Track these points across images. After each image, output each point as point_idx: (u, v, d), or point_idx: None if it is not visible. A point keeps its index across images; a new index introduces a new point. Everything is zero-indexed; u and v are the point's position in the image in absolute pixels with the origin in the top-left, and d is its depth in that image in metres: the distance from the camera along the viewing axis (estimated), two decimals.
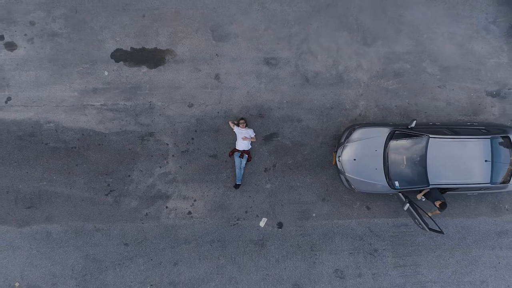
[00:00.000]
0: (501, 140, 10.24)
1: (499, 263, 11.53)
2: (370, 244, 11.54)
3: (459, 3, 11.48)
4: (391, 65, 11.48)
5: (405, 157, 10.23)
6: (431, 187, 10.12)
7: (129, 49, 11.34)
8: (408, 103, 11.53)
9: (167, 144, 11.45)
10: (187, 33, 11.39)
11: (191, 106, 11.44)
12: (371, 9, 11.44)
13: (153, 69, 11.36)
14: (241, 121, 11.10)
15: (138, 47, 11.36)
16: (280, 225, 11.56)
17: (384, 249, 11.53)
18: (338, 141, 11.24)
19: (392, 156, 10.34)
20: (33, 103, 11.27)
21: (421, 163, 10.07)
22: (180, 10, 11.36)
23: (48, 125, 11.31)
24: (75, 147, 11.36)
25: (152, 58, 11.36)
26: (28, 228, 11.33)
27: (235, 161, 11.26)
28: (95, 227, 11.39)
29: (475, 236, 11.56)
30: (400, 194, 10.48)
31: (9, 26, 11.21)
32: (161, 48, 11.37)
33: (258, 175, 11.52)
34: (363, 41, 11.46)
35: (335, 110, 11.52)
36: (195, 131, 11.46)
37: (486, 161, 10.08)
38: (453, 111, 11.53)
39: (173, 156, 11.46)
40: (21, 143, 11.30)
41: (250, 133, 11.19)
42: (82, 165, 11.36)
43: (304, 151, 11.55)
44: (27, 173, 11.31)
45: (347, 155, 10.58)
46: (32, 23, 11.25)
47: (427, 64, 11.49)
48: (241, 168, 11.26)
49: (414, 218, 10.23)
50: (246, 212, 11.54)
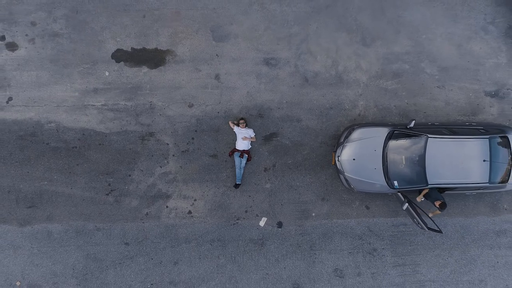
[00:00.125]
0: (499, 140, 10.27)
1: (498, 262, 11.56)
2: (369, 243, 11.57)
3: (457, 3, 11.50)
4: (390, 66, 11.51)
5: (404, 157, 10.25)
6: (429, 186, 10.14)
7: (129, 50, 11.37)
8: (407, 103, 11.56)
9: (168, 144, 11.48)
10: (188, 34, 11.42)
11: (191, 106, 11.48)
12: (370, 9, 11.46)
13: (154, 70, 11.40)
14: (241, 121, 11.13)
15: (138, 48, 11.39)
16: (279, 225, 11.59)
17: (383, 249, 11.55)
18: (337, 141, 11.25)
19: (391, 156, 10.36)
20: (34, 103, 11.31)
21: (420, 162, 10.08)
22: (180, 10, 11.38)
23: (49, 125, 11.35)
24: (76, 147, 11.40)
25: (152, 58, 11.39)
26: (29, 227, 11.36)
27: (235, 161, 11.29)
28: (96, 226, 11.42)
29: (474, 235, 11.59)
30: (399, 193, 10.48)
31: (10, 26, 11.24)
32: (162, 48, 11.40)
33: (258, 174, 11.56)
34: (362, 41, 11.48)
35: (334, 110, 11.55)
36: (195, 131, 11.50)
37: (484, 160, 10.10)
38: (452, 111, 11.55)
39: (173, 155, 11.50)
40: (22, 143, 11.34)
41: (250, 133, 11.21)
42: (83, 165, 11.40)
43: (303, 151, 11.59)
44: (28, 172, 11.35)
45: (346, 155, 10.60)
46: (33, 24, 11.28)
47: (426, 64, 11.52)
48: (241, 167, 11.29)
49: (413, 217, 10.24)
50: (246, 211, 11.57)
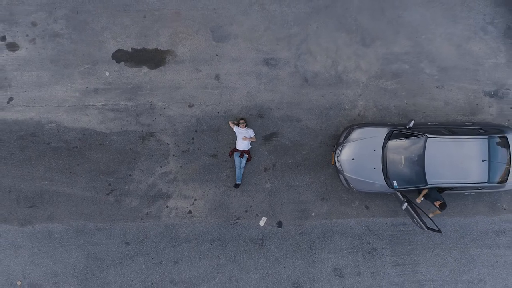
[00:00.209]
0: (498, 140, 10.29)
1: (497, 261, 11.59)
2: (369, 243, 11.59)
3: (457, 4, 11.53)
4: (389, 66, 11.53)
5: (403, 156, 10.27)
6: (428, 186, 10.16)
7: (130, 50, 11.40)
8: (406, 103, 11.59)
9: (168, 144, 11.51)
10: (188, 34, 11.44)
11: (191, 106, 11.50)
12: (370, 10, 11.48)
13: (154, 70, 11.42)
14: (241, 121, 11.15)
15: (139, 48, 11.42)
16: (279, 224, 11.62)
17: (382, 248, 11.58)
18: (337, 141, 11.28)
19: (390, 155, 10.38)
20: (34, 103, 11.34)
21: (419, 162, 10.10)
22: (180, 11, 11.41)
23: (49, 125, 11.38)
24: (77, 147, 11.43)
25: (152, 58, 11.42)
26: (30, 227, 11.39)
27: (235, 161, 11.32)
28: (96, 226, 11.45)
29: (473, 235, 11.61)
30: (398, 193, 10.51)
31: (11, 27, 11.26)
32: (162, 48, 11.43)
33: (258, 174, 11.58)
34: (361, 42, 11.51)
35: (334, 110, 11.58)
36: (196, 131, 11.53)
37: (483, 160, 10.13)
38: (451, 111, 11.58)
39: (173, 155, 11.53)
40: (23, 143, 11.36)
41: (250, 133, 11.24)
42: (83, 165, 11.43)
43: (303, 151, 11.61)
44: (29, 172, 11.38)
45: (346, 154, 10.63)
46: (33, 24, 11.31)
47: (425, 64, 11.54)
48: (241, 167, 11.31)
49: (412, 217, 10.27)
50: (246, 211, 11.60)
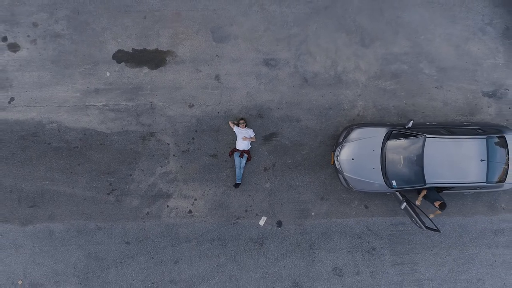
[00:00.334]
0: (496, 140, 10.34)
1: (496, 261, 11.63)
2: (368, 242, 11.63)
3: (455, 5, 11.57)
4: (388, 66, 11.57)
5: (402, 156, 10.31)
6: (427, 186, 10.20)
7: (130, 50, 11.43)
8: (405, 104, 11.63)
9: (168, 144, 11.55)
10: (188, 35, 11.48)
11: (191, 106, 11.54)
12: (369, 10, 11.52)
13: (154, 70, 11.46)
14: (241, 121, 11.18)
15: (139, 48, 11.46)
16: (279, 224, 11.65)
17: (382, 248, 11.62)
18: (336, 141, 11.32)
19: (389, 155, 10.42)
20: (36, 104, 11.38)
21: (418, 162, 10.15)
22: (180, 11, 11.44)
23: (50, 125, 11.41)
24: (77, 147, 11.47)
25: (153, 59, 11.46)
26: (31, 226, 11.42)
27: (235, 161, 11.35)
28: (97, 225, 11.48)
29: (472, 234, 11.66)
30: (397, 193, 10.55)
31: (12, 27, 11.30)
32: (162, 49, 11.46)
33: (257, 174, 11.62)
34: (361, 42, 11.55)
35: (333, 110, 11.62)
36: (196, 131, 11.56)
37: (482, 160, 10.18)
38: (450, 111, 11.62)
39: (174, 155, 11.57)
40: (24, 143, 11.40)
41: (250, 133, 11.27)
42: (84, 165, 11.47)
43: (303, 150, 11.65)
44: (30, 172, 11.42)
45: (345, 154, 10.66)
46: (34, 25, 11.35)
47: (424, 65, 11.58)
48: (241, 167, 11.35)
49: (411, 216, 10.31)
50: (246, 211, 11.64)
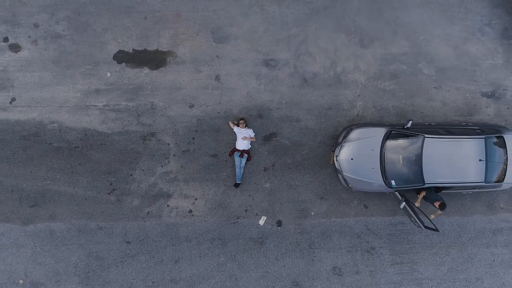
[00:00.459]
0: (495, 140, 10.37)
1: (494, 260, 11.66)
2: (367, 242, 11.66)
3: (454, 5, 11.60)
4: (388, 66, 11.60)
5: (401, 156, 10.34)
6: (426, 186, 10.23)
7: (131, 51, 11.47)
8: (404, 104, 11.66)
9: (169, 144, 11.58)
10: (188, 35, 11.51)
11: (192, 106, 11.58)
12: (368, 11, 11.54)
13: (155, 70, 11.49)
14: (241, 121, 11.21)
15: (140, 49, 11.49)
16: (279, 223, 11.68)
17: (381, 247, 11.65)
18: (336, 141, 11.34)
19: (388, 155, 10.45)
20: (37, 104, 11.41)
21: (417, 162, 10.18)
22: (181, 12, 11.47)
23: (51, 125, 11.45)
24: (78, 147, 11.51)
25: (153, 59, 11.49)
26: (32, 226, 11.45)
27: (235, 161, 11.38)
28: (98, 225, 11.51)
29: (471, 234, 11.68)
30: (396, 192, 10.58)
31: (13, 28, 11.33)
32: (163, 49, 11.50)
33: (257, 174, 11.65)
34: (360, 42, 11.58)
35: (333, 110, 11.65)
36: (196, 131, 11.59)
37: (480, 160, 10.21)
38: (449, 112, 11.64)
39: (174, 155, 11.61)
40: (25, 143, 11.43)
41: (249, 133, 11.30)
42: (85, 165, 11.50)
43: (302, 150, 11.68)
44: (31, 172, 11.45)
45: (344, 154, 10.69)
46: (36, 25, 11.38)
47: (423, 65, 11.61)
48: (241, 167, 11.37)
49: (410, 216, 10.35)
50: (246, 210, 11.67)
